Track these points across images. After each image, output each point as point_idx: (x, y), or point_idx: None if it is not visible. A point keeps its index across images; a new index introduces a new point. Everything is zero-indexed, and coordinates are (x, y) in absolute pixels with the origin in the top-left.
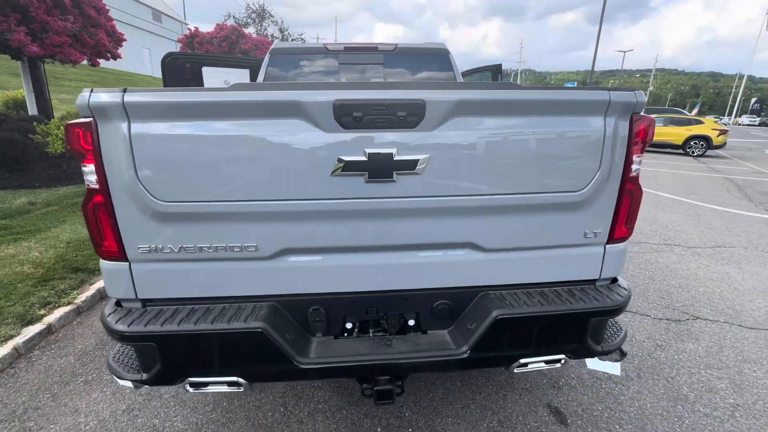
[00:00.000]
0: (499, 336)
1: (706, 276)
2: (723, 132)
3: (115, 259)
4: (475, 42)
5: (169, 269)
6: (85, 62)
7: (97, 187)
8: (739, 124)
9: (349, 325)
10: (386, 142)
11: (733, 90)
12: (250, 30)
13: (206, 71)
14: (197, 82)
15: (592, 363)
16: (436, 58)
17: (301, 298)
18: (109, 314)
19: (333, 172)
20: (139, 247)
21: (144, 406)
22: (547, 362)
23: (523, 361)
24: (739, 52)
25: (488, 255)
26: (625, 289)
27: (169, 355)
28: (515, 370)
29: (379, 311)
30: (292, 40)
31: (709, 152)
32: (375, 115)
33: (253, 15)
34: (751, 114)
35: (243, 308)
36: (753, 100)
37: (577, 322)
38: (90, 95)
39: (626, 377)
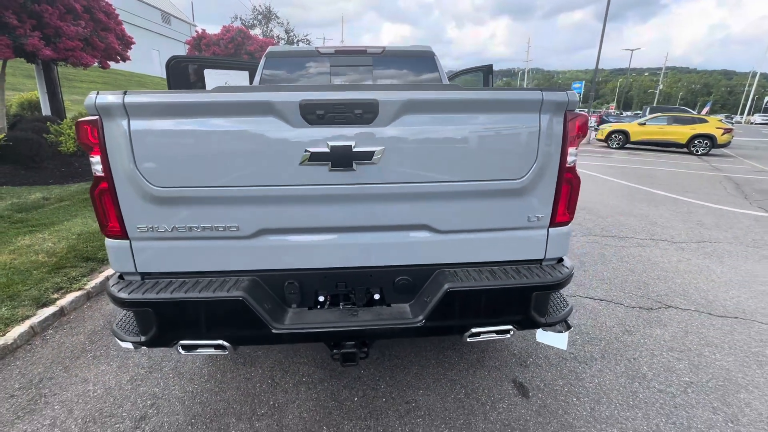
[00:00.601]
0: (450, 307)
1: (685, 269)
2: (728, 131)
3: (117, 237)
4: (483, 41)
5: (164, 246)
6: (95, 65)
7: (102, 175)
8: (752, 123)
9: (321, 298)
10: (346, 135)
11: (746, 88)
12: (256, 31)
13: (208, 73)
14: (200, 83)
15: (542, 337)
16: (422, 60)
17: (277, 273)
18: (113, 285)
19: (301, 162)
20: (138, 227)
21: (146, 378)
22: (497, 332)
23: (474, 330)
24: (753, 50)
25: (442, 236)
26: (567, 267)
27: (163, 319)
28: (468, 339)
29: (348, 286)
30: (298, 41)
31: (714, 151)
32: (336, 112)
33: (260, 17)
34: (764, 113)
35: (227, 281)
36: (766, 98)
37: (520, 296)
38: (96, 97)
39: (590, 357)
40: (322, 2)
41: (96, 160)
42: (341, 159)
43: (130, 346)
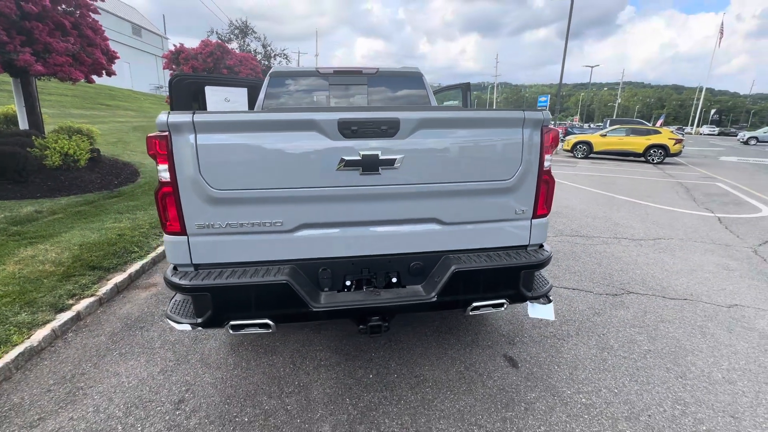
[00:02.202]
0: (456, 284)
1: (644, 261)
2: (679, 141)
3: (176, 234)
4: (454, 56)
5: (217, 240)
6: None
7: (168, 180)
8: (701, 134)
9: (348, 282)
10: (374, 146)
11: (695, 102)
12: (233, 45)
13: (209, 90)
14: (201, 99)
15: (533, 312)
16: (411, 79)
17: (313, 261)
18: (172, 275)
19: (337, 167)
20: (196, 224)
21: (175, 369)
22: (493, 306)
23: (475, 304)
24: (699, 67)
25: (448, 227)
26: (547, 251)
27: (218, 302)
28: (470, 313)
29: (371, 271)
30: (275, 55)
31: (668, 159)
32: (366, 128)
33: (236, 31)
34: (711, 124)
35: (271, 269)
36: (713, 111)
37: (512, 274)
38: (168, 116)
39: (567, 335)
40: (297, 17)
41: (163, 167)
42: (370, 165)
43: (187, 327)
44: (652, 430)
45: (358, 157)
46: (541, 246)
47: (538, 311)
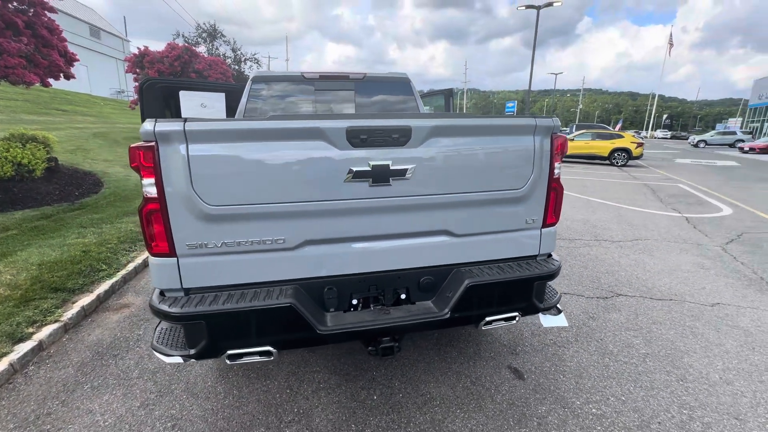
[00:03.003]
0: (470, 299)
1: (626, 263)
2: (640, 144)
3: (164, 255)
4: (423, 63)
5: (211, 261)
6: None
7: (154, 196)
8: (655, 137)
9: (354, 301)
10: (384, 156)
11: (648, 107)
12: (201, 49)
13: (183, 95)
14: (174, 105)
15: (546, 322)
16: (399, 85)
17: (317, 280)
18: (160, 302)
19: (345, 179)
20: (187, 244)
21: (158, 401)
22: (505, 320)
23: (488, 318)
24: (652, 75)
25: (459, 239)
26: (556, 260)
27: (215, 330)
28: (483, 328)
29: (378, 288)
30: (246, 60)
31: (631, 162)
32: (376, 136)
33: (204, 34)
34: (663, 128)
35: (272, 290)
36: (665, 116)
37: (525, 285)
38: (155, 125)
39: (567, 341)
40: (265, 21)
41: (149, 182)
42: (380, 176)
43: (178, 360)
44: None
45: (368, 168)
46: (550, 255)
47: (550, 321)
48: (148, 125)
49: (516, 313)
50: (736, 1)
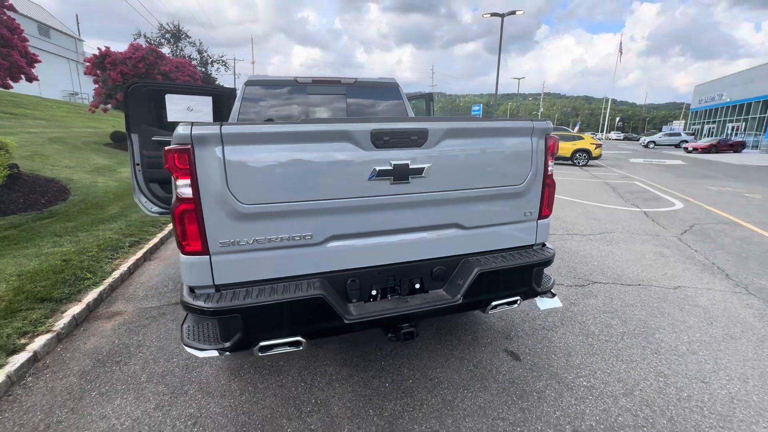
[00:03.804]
0: (479, 285)
1: (597, 254)
2: (599, 146)
3: (197, 254)
4: (391, 66)
5: (242, 258)
6: None
7: (189, 196)
8: (609, 139)
9: (374, 292)
10: (404, 156)
11: (603, 111)
12: (165, 50)
13: (169, 98)
14: (160, 109)
15: (543, 305)
16: (389, 89)
17: (341, 273)
18: (194, 299)
19: (369, 177)
20: (220, 242)
21: (173, 403)
22: (508, 303)
23: (494, 303)
24: (604, 80)
25: (468, 231)
26: (551, 249)
27: (250, 323)
28: (489, 312)
29: (396, 279)
30: (213, 62)
31: (591, 162)
32: (397, 138)
33: (168, 35)
34: (617, 130)
35: (301, 283)
36: (617, 119)
37: (526, 271)
38: (192, 128)
39: (554, 325)
40: (229, 22)
41: (184, 183)
42: (400, 174)
43: (213, 353)
44: (645, 401)
45: (390, 167)
46: (544, 245)
47: (546, 303)
48: (184, 129)
49: (518, 297)
50: (676, 12)
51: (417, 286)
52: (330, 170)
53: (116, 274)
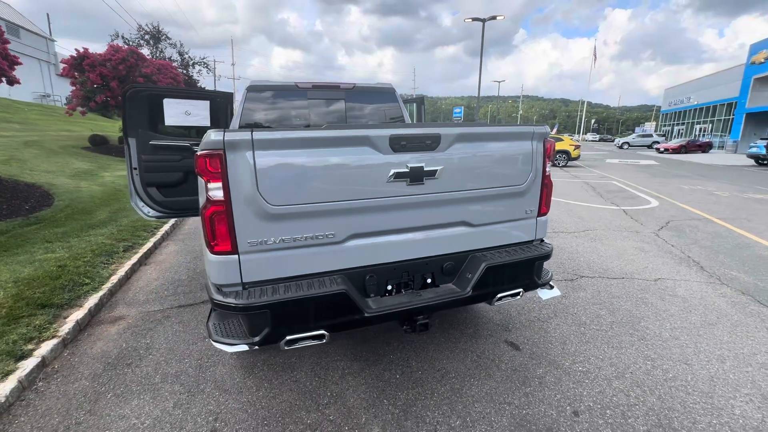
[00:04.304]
0: (487, 278)
1: (583, 250)
2: (577, 147)
3: (226, 253)
4: (372, 69)
5: (269, 257)
6: None
7: (221, 199)
8: (586, 140)
9: (389, 287)
10: (419, 159)
11: (579, 113)
12: (144, 52)
13: (167, 103)
14: (158, 113)
15: (544, 295)
16: (386, 94)
17: (360, 269)
18: (225, 296)
19: (388, 179)
20: (248, 242)
21: (191, 401)
22: (512, 295)
23: (499, 295)
24: (580, 83)
25: (475, 229)
26: (549, 244)
27: (278, 318)
28: (495, 304)
29: (409, 274)
30: (194, 63)
31: (570, 163)
32: (413, 143)
33: (147, 36)
34: (592, 132)
35: (323, 280)
36: (593, 121)
37: (529, 265)
38: (224, 134)
39: (548, 317)
40: (207, 23)
41: (216, 186)
42: (416, 176)
43: (243, 347)
44: (636, 382)
45: (407, 170)
46: (542, 240)
47: (547, 294)
48: (216, 135)
49: (521, 289)
50: (646, 18)
51: (428, 280)
52: (352, 173)
53: (114, 279)
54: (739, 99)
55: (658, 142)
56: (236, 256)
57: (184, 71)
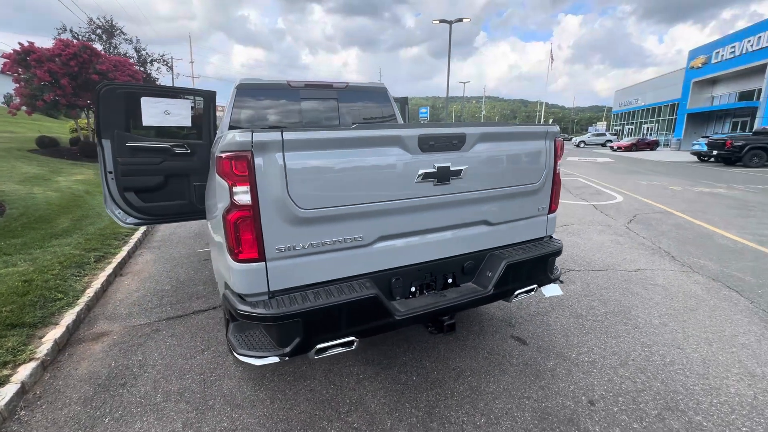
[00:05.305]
0: (507, 276)
1: (565, 244)
2: None
3: (252, 261)
4: (337, 68)
5: (297, 263)
6: None
7: (248, 203)
8: None
9: (413, 289)
10: (445, 159)
11: (538, 113)
12: (96, 47)
13: (145, 101)
14: (135, 111)
15: (548, 292)
16: (378, 94)
17: (386, 272)
18: (254, 307)
19: (416, 180)
20: (276, 248)
21: (201, 419)
22: (527, 291)
23: (517, 291)
24: (538, 85)
25: (494, 227)
26: (558, 240)
27: (309, 326)
28: (513, 300)
29: (432, 275)
30: (152, 60)
31: None
32: (441, 142)
33: (99, 30)
34: None
35: (352, 284)
36: (551, 120)
37: (544, 261)
38: (252, 135)
39: (546, 311)
40: (160, 17)
41: (242, 189)
42: (443, 175)
43: (274, 360)
44: (639, 369)
45: (434, 169)
46: (551, 237)
47: (551, 290)
48: (242, 136)
49: (535, 285)
50: (595, 24)
51: (449, 281)
52: (382, 173)
53: (90, 292)
54: (681, 100)
55: (611, 141)
56: (263, 263)
57: (142, 68)
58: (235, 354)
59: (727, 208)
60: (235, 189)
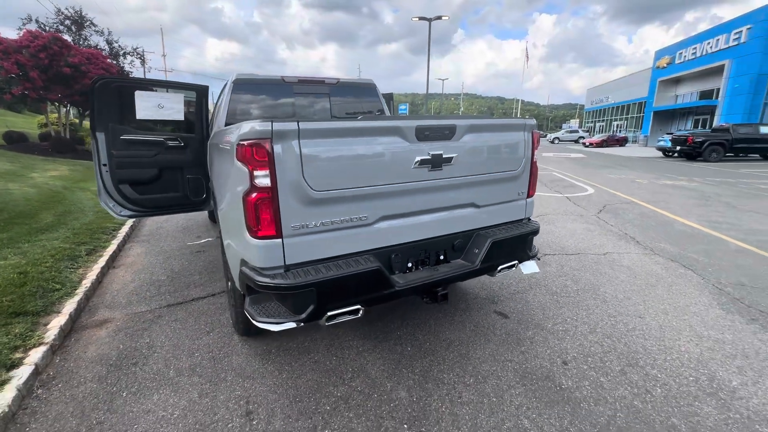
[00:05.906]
0: (491, 253)
1: (541, 232)
2: None
3: (271, 237)
4: (315, 64)
5: (310, 239)
6: None
7: (267, 185)
8: None
9: (409, 264)
10: (439, 147)
11: (514, 110)
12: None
13: (139, 95)
14: (129, 105)
15: (526, 269)
16: (367, 90)
17: (387, 248)
18: (273, 278)
19: (413, 165)
20: (292, 226)
21: (215, 389)
22: (508, 267)
23: (500, 267)
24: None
25: (480, 209)
26: (536, 222)
27: (322, 295)
28: (496, 275)
29: (426, 252)
30: (125, 53)
31: None
32: (435, 132)
33: (67, 21)
34: None
35: (358, 259)
36: (527, 116)
37: (524, 239)
38: (272, 124)
39: (525, 289)
40: (128, 8)
41: (262, 173)
42: (436, 162)
43: (291, 325)
44: (605, 335)
45: (429, 156)
46: (530, 219)
47: (528, 268)
48: (262, 126)
49: (516, 261)
50: (568, 24)
51: (441, 257)
52: (384, 160)
53: (86, 283)
54: (647, 99)
55: (583, 137)
56: (280, 239)
57: (114, 61)
58: (255, 321)
59: (687, 199)
60: (256, 173)
